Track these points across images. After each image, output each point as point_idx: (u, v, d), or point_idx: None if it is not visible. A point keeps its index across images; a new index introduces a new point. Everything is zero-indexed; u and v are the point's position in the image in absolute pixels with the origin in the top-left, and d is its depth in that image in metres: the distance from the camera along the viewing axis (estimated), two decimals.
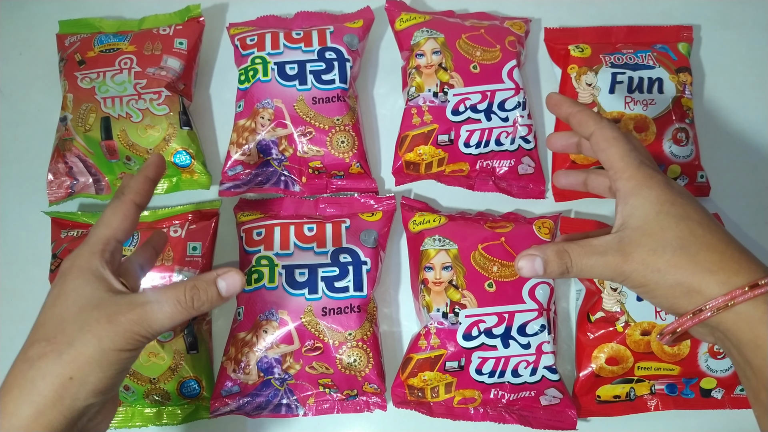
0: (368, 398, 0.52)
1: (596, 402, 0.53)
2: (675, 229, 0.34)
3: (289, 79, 0.56)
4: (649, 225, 0.35)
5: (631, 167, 0.36)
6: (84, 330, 0.33)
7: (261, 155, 0.57)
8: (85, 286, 0.35)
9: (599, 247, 0.36)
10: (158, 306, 0.35)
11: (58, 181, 0.57)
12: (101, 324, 0.34)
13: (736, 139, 0.61)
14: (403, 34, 0.60)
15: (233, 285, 0.37)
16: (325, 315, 0.51)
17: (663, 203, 0.35)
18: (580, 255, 0.36)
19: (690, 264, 0.33)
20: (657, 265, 0.34)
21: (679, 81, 0.57)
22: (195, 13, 0.61)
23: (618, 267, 0.35)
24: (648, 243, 0.34)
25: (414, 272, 0.55)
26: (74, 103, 0.56)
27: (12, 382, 0.33)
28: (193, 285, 0.36)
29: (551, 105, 0.42)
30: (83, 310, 0.34)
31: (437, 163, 0.57)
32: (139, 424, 0.53)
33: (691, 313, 0.34)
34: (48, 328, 0.34)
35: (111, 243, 0.37)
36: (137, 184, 0.39)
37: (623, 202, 0.36)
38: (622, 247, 0.35)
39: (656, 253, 0.34)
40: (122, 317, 0.34)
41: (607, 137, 0.37)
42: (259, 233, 0.54)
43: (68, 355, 0.33)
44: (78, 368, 0.33)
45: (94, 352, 0.33)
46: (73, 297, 0.35)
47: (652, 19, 0.63)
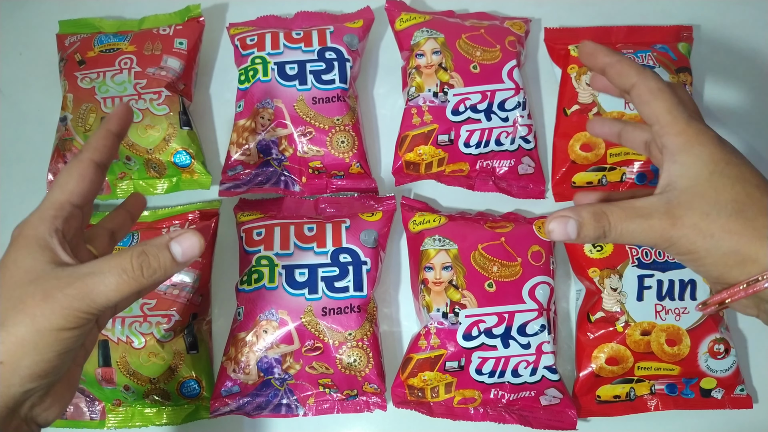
0: (368, 398, 0.52)
1: (596, 402, 0.53)
2: (731, 191, 0.31)
3: (289, 79, 0.56)
4: (701, 186, 0.31)
5: (680, 121, 0.33)
6: (17, 308, 0.30)
7: (261, 155, 0.57)
8: (26, 258, 0.31)
9: (643, 209, 0.32)
10: (101, 278, 0.31)
11: None
12: (36, 301, 0.30)
13: (736, 139, 0.60)
14: (403, 34, 0.60)
15: (190, 248, 0.33)
16: (325, 315, 0.51)
17: (717, 162, 0.31)
18: (620, 218, 0.32)
19: (747, 230, 0.30)
20: (710, 230, 0.31)
21: (679, 81, 0.57)
22: (195, 13, 0.61)
23: (665, 232, 0.32)
24: (701, 205, 0.31)
25: (414, 272, 0.55)
26: (74, 103, 0.56)
27: None
28: (141, 251, 0.32)
29: (585, 54, 0.37)
30: (19, 285, 0.30)
31: (437, 163, 0.57)
32: (139, 424, 0.53)
33: (745, 283, 0.31)
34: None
35: (65, 207, 0.33)
36: (97, 139, 0.35)
37: (671, 159, 0.32)
38: (671, 210, 0.31)
39: (710, 216, 0.31)
40: (59, 293, 0.30)
41: (652, 88, 0.33)
42: (259, 233, 0.54)
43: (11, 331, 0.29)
44: (8, 351, 0.29)
45: (27, 333, 0.30)
46: (11, 270, 0.31)
47: (652, 19, 0.63)
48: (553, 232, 0.33)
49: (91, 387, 0.52)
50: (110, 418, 0.53)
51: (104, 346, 0.51)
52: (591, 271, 0.53)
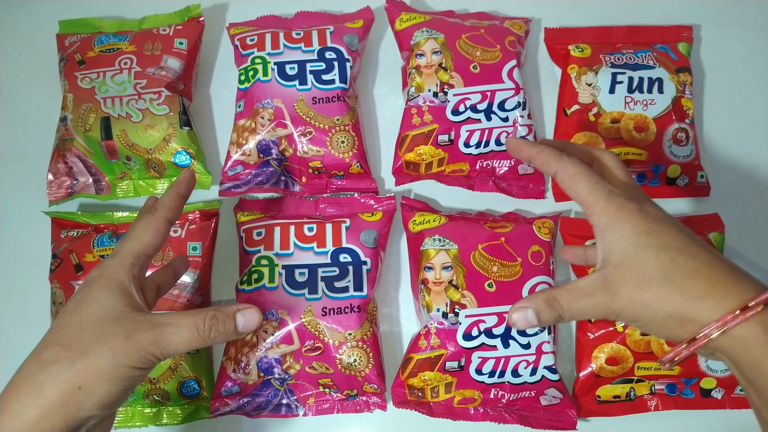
0: (368, 398, 0.52)
1: (596, 402, 0.53)
2: (655, 261, 0.33)
3: (289, 79, 0.56)
4: (628, 259, 0.34)
5: (600, 200, 0.35)
6: (101, 342, 0.33)
7: (261, 155, 0.57)
8: (109, 298, 0.35)
9: (586, 289, 0.35)
10: (177, 330, 0.35)
11: (58, 181, 0.57)
12: (119, 339, 0.34)
13: (736, 139, 0.61)
14: (403, 34, 0.60)
15: (251, 322, 0.38)
16: (325, 315, 0.51)
17: (639, 234, 0.34)
18: (569, 300, 0.36)
19: (677, 294, 0.33)
20: (645, 300, 0.33)
21: (679, 81, 0.57)
22: (195, 13, 0.61)
23: (608, 306, 0.34)
24: (631, 278, 0.34)
25: (414, 272, 0.55)
26: (74, 103, 0.56)
27: (20, 383, 0.33)
28: (213, 315, 0.37)
29: (510, 150, 0.42)
30: (103, 322, 0.34)
31: (437, 163, 0.57)
32: (139, 424, 0.53)
33: (686, 342, 0.33)
34: (65, 333, 0.34)
35: (141, 257, 0.37)
36: (169, 200, 0.40)
37: (600, 237, 0.35)
38: (608, 286, 0.34)
39: (641, 288, 0.33)
40: (140, 335, 0.34)
41: (571, 174, 0.37)
42: (259, 233, 0.54)
43: (81, 364, 0.33)
44: (88, 378, 0.33)
45: (107, 365, 0.33)
46: (95, 306, 0.35)
47: (652, 19, 0.63)
48: (516, 323, 0.37)
49: None
50: None
51: None
52: (591, 272, 0.53)
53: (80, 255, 0.53)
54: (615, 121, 0.57)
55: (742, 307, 0.32)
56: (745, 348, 0.32)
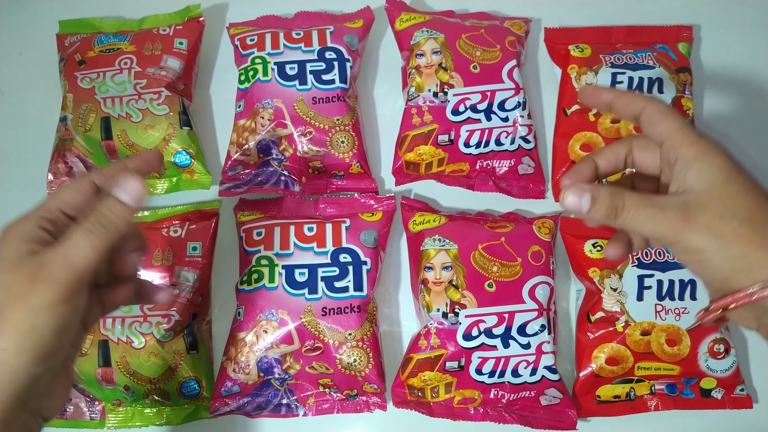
0: (368, 398, 0.52)
1: (596, 402, 0.53)
2: (744, 199, 0.32)
3: (289, 79, 0.56)
4: (717, 190, 0.32)
5: (691, 135, 0.34)
6: (8, 296, 0.31)
7: (261, 155, 0.57)
8: (9, 251, 0.32)
9: (660, 201, 0.33)
10: (73, 244, 0.33)
11: (58, 181, 0.57)
12: (23, 286, 0.31)
13: (736, 139, 0.60)
14: (403, 34, 0.60)
15: (134, 189, 0.35)
16: (325, 315, 0.51)
17: (731, 170, 0.33)
18: (636, 202, 0.33)
19: (757, 237, 0.31)
20: (722, 232, 0.31)
21: (679, 81, 0.57)
22: (195, 13, 0.61)
23: (677, 225, 0.32)
24: (715, 207, 0.32)
25: (414, 272, 0.55)
26: (74, 103, 0.56)
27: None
28: (95, 210, 0.34)
29: (587, 96, 0.39)
30: (3, 275, 0.32)
31: (437, 163, 0.57)
32: (139, 424, 0.53)
33: (750, 288, 0.31)
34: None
35: (53, 212, 0.34)
36: (108, 167, 0.37)
37: (686, 167, 0.33)
38: (686, 208, 0.32)
39: (723, 219, 0.32)
40: (42, 270, 0.31)
41: (661, 110, 0.35)
42: (259, 233, 0.54)
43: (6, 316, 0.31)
44: (9, 337, 0.30)
45: (23, 317, 0.31)
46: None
47: (652, 19, 0.63)
48: (566, 200, 0.34)
49: (90, 387, 0.52)
50: (110, 418, 0.53)
51: (104, 346, 0.51)
52: (591, 271, 0.53)
53: None
54: (615, 121, 0.57)
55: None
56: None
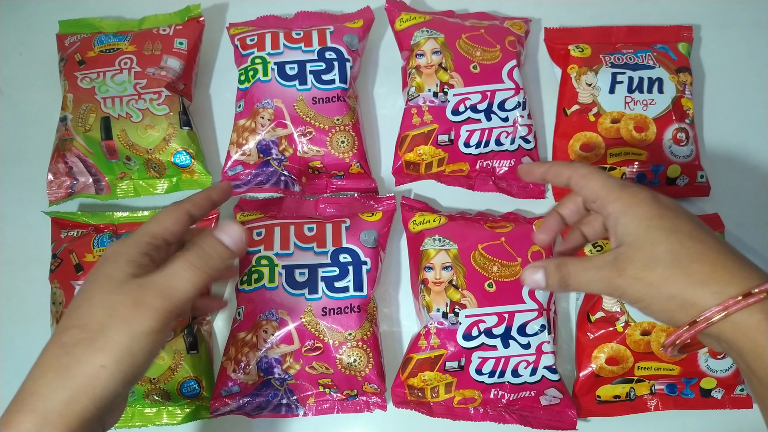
0: (368, 398, 0.52)
1: (596, 402, 0.53)
2: (665, 243, 0.35)
3: (289, 79, 0.56)
4: (639, 240, 0.35)
5: (614, 190, 0.37)
6: (112, 315, 0.33)
7: (261, 155, 0.57)
8: (116, 271, 0.35)
9: (596, 262, 0.37)
10: (177, 275, 0.35)
11: (58, 181, 0.57)
12: (127, 308, 0.33)
13: (736, 139, 0.61)
14: (403, 34, 0.60)
15: (236, 234, 0.38)
16: (325, 315, 0.51)
17: (651, 218, 0.35)
18: (578, 269, 0.37)
19: (682, 276, 0.34)
20: (650, 279, 0.34)
21: (679, 81, 0.57)
22: (195, 13, 0.61)
23: (613, 281, 0.36)
24: (641, 258, 0.35)
25: (414, 272, 0.55)
26: (74, 103, 0.56)
27: (46, 366, 0.33)
28: (198, 246, 0.37)
29: (523, 174, 0.44)
30: (110, 294, 0.34)
31: (437, 163, 0.57)
32: (139, 424, 0.53)
33: (687, 324, 0.34)
34: (80, 314, 0.34)
35: (157, 239, 0.37)
36: (197, 197, 0.40)
37: (615, 223, 0.37)
38: (617, 263, 0.36)
39: (648, 267, 0.34)
40: (146, 296, 0.34)
41: (583, 174, 0.39)
42: (259, 233, 0.54)
43: (100, 343, 0.33)
44: (110, 356, 0.33)
45: (125, 338, 0.33)
46: (102, 282, 0.35)
47: (652, 19, 0.63)
48: (526, 280, 0.39)
49: None
50: None
51: None
52: None
53: (80, 255, 0.53)
54: (615, 121, 0.57)
55: (744, 293, 0.32)
56: (746, 335, 0.32)
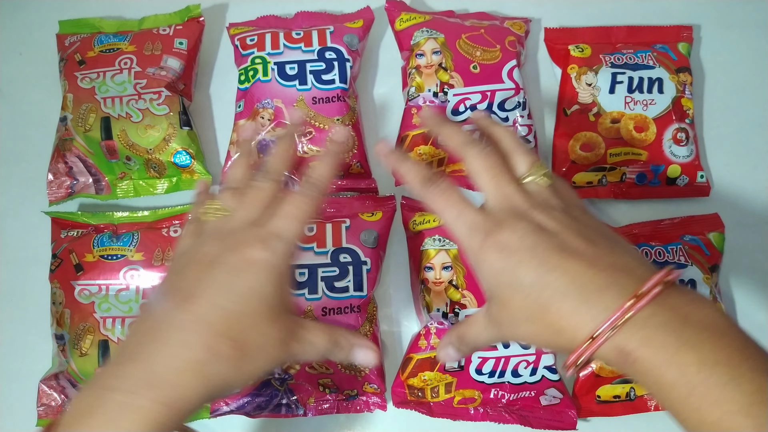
0: (368, 398, 0.52)
1: (596, 402, 0.53)
2: (513, 302, 0.34)
3: (289, 79, 0.56)
4: (496, 299, 0.35)
5: (463, 239, 0.36)
6: (262, 348, 0.33)
7: (261, 155, 0.57)
8: (270, 289, 0.33)
9: (481, 325, 0.38)
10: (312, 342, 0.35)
11: (58, 181, 0.57)
12: (275, 347, 0.33)
13: (736, 139, 0.61)
14: (403, 34, 0.60)
15: (367, 360, 0.38)
16: (325, 315, 0.51)
17: (495, 275, 0.34)
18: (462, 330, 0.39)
19: (543, 329, 0.33)
20: (521, 335, 0.35)
21: (679, 81, 0.57)
22: (195, 13, 0.61)
23: (497, 334, 0.37)
24: (503, 317, 0.35)
25: (414, 272, 0.55)
26: (74, 103, 0.56)
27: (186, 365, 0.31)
28: (338, 340, 0.37)
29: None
30: (265, 322, 0.33)
31: (437, 163, 0.57)
32: None
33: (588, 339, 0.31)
34: (234, 327, 0.32)
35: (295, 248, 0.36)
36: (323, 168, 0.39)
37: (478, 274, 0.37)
38: (492, 322, 0.37)
39: (513, 325, 0.35)
40: (291, 343, 0.34)
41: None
42: None
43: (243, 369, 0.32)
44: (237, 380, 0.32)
45: (256, 371, 0.33)
46: (258, 299, 0.33)
47: (652, 19, 0.63)
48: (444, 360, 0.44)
49: None
50: None
51: (104, 346, 0.51)
52: None
53: (80, 255, 0.53)
54: (615, 121, 0.57)
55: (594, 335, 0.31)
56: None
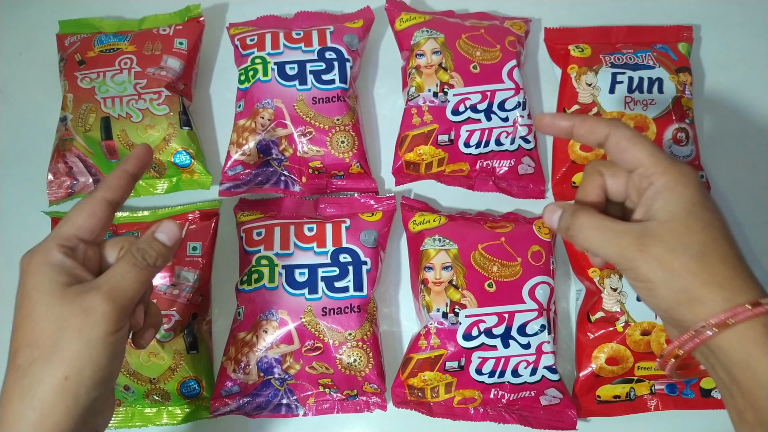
0: (368, 398, 0.52)
1: (596, 402, 0.53)
2: (700, 234, 0.33)
3: (289, 79, 0.56)
4: (676, 223, 0.33)
5: (663, 162, 0.35)
6: (62, 327, 0.33)
7: (261, 155, 0.57)
8: (45, 282, 0.34)
9: (617, 227, 0.35)
10: (121, 276, 0.35)
11: (58, 181, 0.57)
12: (77, 317, 0.33)
13: (736, 139, 0.61)
14: (403, 34, 0.60)
15: (172, 233, 0.38)
16: (325, 315, 0.51)
17: (695, 204, 0.34)
18: (594, 224, 0.35)
19: (703, 273, 0.32)
20: (671, 265, 0.33)
21: (679, 81, 0.57)
22: (195, 13, 0.61)
23: (630, 254, 0.34)
24: (669, 240, 0.33)
25: (414, 272, 0.55)
26: (74, 103, 0.56)
27: (10, 393, 0.33)
28: (137, 247, 0.36)
29: (543, 125, 0.39)
30: (51, 307, 0.33)
31: (437, 163, 0.57)
32: (139, 424, 0.53)
33: (692, 331, 0.32)
34: (25, 333, 0.33)
35: (71, 240, 0.35)
36: (112, 179, 0.38)
37: (656, 195, 0.34)
38: (643, 237, 0.34)
39: (675, 252, 0.33)
40: (94, 302, 0.33)
41: (629, 136, 0.36)
42: (259, 233, 0.54)
43: (57, 357, 0.32)
44: (70, 367, 0.32)
45: (81, 347, 0.33)
46: (36, 296, 0.34)
47: (652, 19, 0.63)
48: (543, 215, 0.39)
49: None
50: None
51: None
52: (591, 271, 0.53)
53: None
54: None
55: (753, 302, 0.31)
56: (741, 345, 0.31)
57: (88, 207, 0.36)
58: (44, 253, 0.35)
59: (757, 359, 0.31)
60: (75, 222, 0.36)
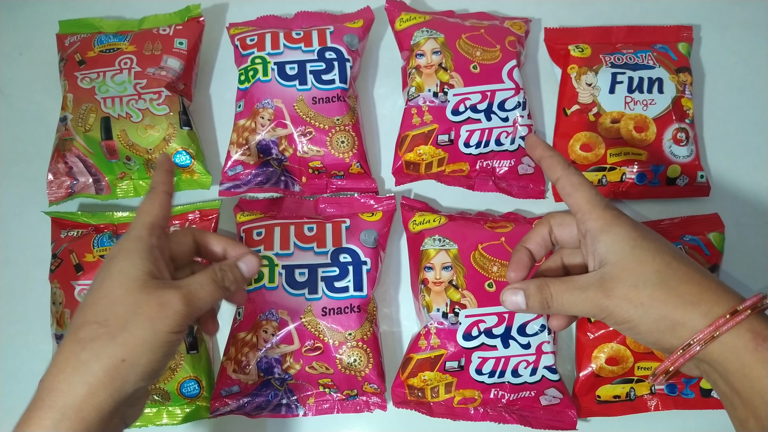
0: (368, 398, 0.52)
1: (596, 402, 0.53)
2: (652, 263, 0.34)
3: (289, 79, 0.56)
4: (626, 260, 0.35)
5: (598, 208, 0.37)
6: (136, 313, 0.34)
7: (261, 155, 0.57)
8: (131, 268, 0.36)
9: (580, 283, 0.36)
10: (200, 285, 0.37)
11: (58, 181, 0.57)
12: (152, 307, 0.34)
13: (736, 139, 0.61)
14: (403, 34, 0.60)
15: (252, 267, 0.41)
16: (325, 315, 0.51)
17: (635, 238, 0.35)
18: (560, 290, 0.36)
19: (672, 297, 0.33)
20: (639, 300, 0.34)
21: (679, 81, 0.57)
22: (195, 13, 0.61)
23: (600, 302, 0.35)
24: (628, 278, 0.34)
25: (414, 272, 0.55)
26: (74, 103, 0.56)
27: (64, 363, 0.33)
28: (220, 268, 0.39)
29: (528, 146, 0.42)
30: (131, 293, 0.35)
31: (437, 163, 0.57)
32: (139, 424, 0.53)
33: (680, 349, 0.33)
34: (97, 310, 0.35)
35: (156, 228, 0.38)
36: (161, 176, 0.41)
37: (595, 240, 0.36)
38: (603, 283, 0.35)
39: (637, 287, 0.34)
40: (171, 299, 0.35)
41: (573, 182, 0.38)
42: (259, 233, 0.54)
43: (121, 338, 0.33)
44: (130, 351, 0.33)
45: (147, 335, 0.34)
46: (119, 279, 0.35)
47: (652, 19, 0.63)
48: (505, 303, 0.38)
49: None
50: None
51: None
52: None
53: (80, 255, 0.53)
54: (615, 121, 0.57)
55: (731, 311, 0.32)
56: (734, 355, 0.32)
57: (157, 200, 0.39)
58: (134, 240, 0.37)
59: (750, 367, 0.32)
60: (152, 212, 0.38)
